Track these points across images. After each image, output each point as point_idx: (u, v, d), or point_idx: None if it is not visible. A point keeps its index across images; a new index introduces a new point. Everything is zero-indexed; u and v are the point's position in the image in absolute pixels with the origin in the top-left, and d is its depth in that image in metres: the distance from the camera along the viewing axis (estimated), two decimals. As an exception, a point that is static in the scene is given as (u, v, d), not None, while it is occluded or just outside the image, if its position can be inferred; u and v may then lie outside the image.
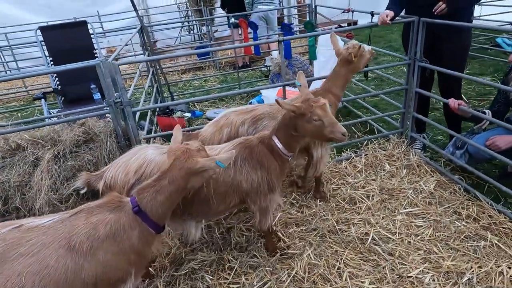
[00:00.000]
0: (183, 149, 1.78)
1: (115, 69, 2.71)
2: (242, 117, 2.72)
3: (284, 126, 2.22)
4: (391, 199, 3.11)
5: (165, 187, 1.75)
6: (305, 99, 2.14)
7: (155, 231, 1.80)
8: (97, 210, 1.72)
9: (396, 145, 3.78)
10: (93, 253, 1.63)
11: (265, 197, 2.29)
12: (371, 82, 5.91)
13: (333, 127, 2.11)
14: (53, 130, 2.84)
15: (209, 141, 2.69)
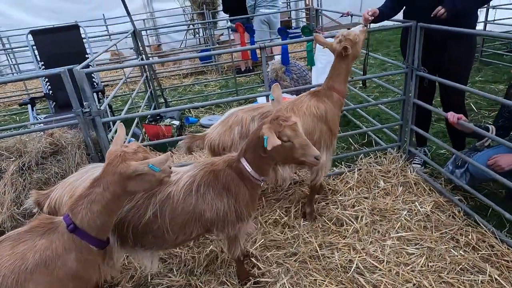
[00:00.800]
0: (118, 152, 1.57)
1: (82, 77, 2.55)
2: (251, 114, 2.58)
3: (252, 147, 1.98)
4: (383, 221, 2.84)
5: (100, 194, 1.56)
6: (274, 117, 1.91)
7: (97, 247, 1.61)
8: (26, 236, 1.53)
9: (393, 160, 3.50)
10: (21, 286, 1.45)
11: (234, 226, 2.07)
12: (375, 90, 5.63)
13: (304, 149, 1.88)
14: (20, 141, 2.70)
15: (218, 142, 2.54)
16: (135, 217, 1.91)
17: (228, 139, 2.56)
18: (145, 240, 1.98)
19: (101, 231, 1.62)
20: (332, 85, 2.67)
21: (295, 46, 8.01)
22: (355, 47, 2.61)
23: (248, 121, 2.57)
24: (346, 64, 2.65)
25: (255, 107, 2.68)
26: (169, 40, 9.81)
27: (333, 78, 2.68)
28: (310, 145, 1.89)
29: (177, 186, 1.97)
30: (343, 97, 2.72)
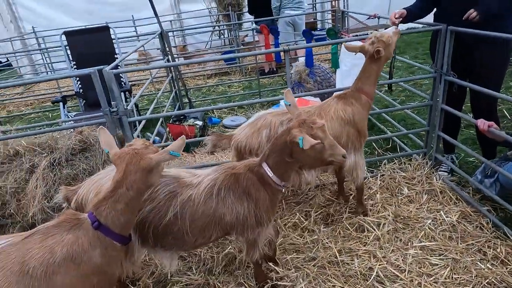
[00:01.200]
0: (130, 152, 1.64)
1: (111, 78, 2.64)
2: (280, 118, 2.58)
3: (277, 152, 1.99)
4: (406, 229, 2.77)
5: (123, 195, 1.63)
6: (301, 121, 1.92)
7: (120, 243, 1.67)
8: (54, 230, 1.59)
9: (419, 167, 3.41)
10: (50, 279, 1.50)
11: (253, 231, 2.08)
12: (401, 94, 5.49)
13: (333, 149, 1.92)
14: (51, 138, 2.83)
15: (245, 144, 2.56)
16: (156, 218, 1.95)
17: (255, 142, 2.56)
18: (165, 241, 2.02)
19: (124, 228, 1.68)
20: (361, 87, 2.63)
21: (320, 48, 7.93)
22: (388, 49, 2.58)
23: (277, 125, 2.56)
24: (378, 66, 2.61)
25: (284, 111, 2.66)
26: (195, 41, 9.96)
27: (362, 80, 2.64)
28: (337, 144, 1.93)
29: (198, 189, 2.00)
30: (371, 99, 2.68)
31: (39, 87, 8.99)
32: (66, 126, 2.84)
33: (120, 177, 1.64)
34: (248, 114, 5.54)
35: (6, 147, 2.77)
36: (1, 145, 2.79)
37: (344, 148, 2.50)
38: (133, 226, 1.80)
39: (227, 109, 5.77)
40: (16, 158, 2.78)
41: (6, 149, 2.76)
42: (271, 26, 5.67)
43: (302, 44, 6.51)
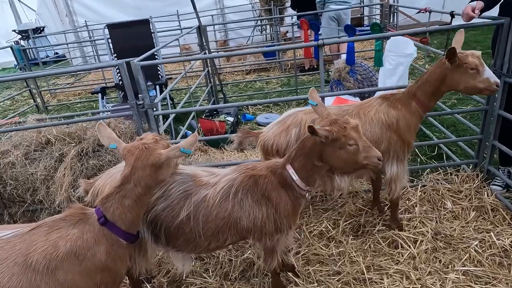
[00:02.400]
0: (140, 146, 1.58)
1: (137, 70, 2.60)
2: (311, 116, 2.40)
3: (305, 154, 1.82)
4: (447, 249, 2.45)
5: (131, 190, 1.58)
6: (332, 121, 1.75)
7: (126, 241, 1.62)
8: (60, 224, 1.56)
9: (467, 179, 3.03)
10: (52, 273, 1.47)
11: (272, 237, 1.93)
12: (453, 97, 5.00)
13: (367, 151, 1.75)
14: (81, 128, 2.86)
15: (272, 143, 2.43)
16: (169, 217, 1.87)
17: (284, 140, 2.41)
18: (177, 242, 1.92)
19: (131, 225, 1.62)
20: (416, 93, 2.33)
21: (364, 45, 7.52)
22: (466, 73, 2.23)
23: (308, 123, 2.38)
24: (441, 78, 2.25)
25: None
26: (237, 36, 9.92)
27: (421, 86, 2.32)
28: (371, 146, 1.76)
29: (214, 189, 1.88)
30: (424, 110, 2.36)
31: (88, 78, 9.47)
32: (93, 118, 2.85)
33: (128, 173, 1.58)
34: (283, 111, 5.36)
35: (39, 135, 2.84)
36: (35, 133, 2.87)
37: (383, 155, 2.26)
38: (140, 224, 1.73)
39: (262, 106, 5.62)
40: (47, 146, 2.85)
41: (39, 137, 2.84)
42: (312, 21, 5.42)
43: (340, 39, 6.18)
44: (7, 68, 12.65)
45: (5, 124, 3.17)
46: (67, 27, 10.01)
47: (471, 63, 2.18)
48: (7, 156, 2.83)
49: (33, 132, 2.87)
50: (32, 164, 2.80)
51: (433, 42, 8.01)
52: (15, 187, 2.85)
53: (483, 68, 2.20)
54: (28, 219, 2.96)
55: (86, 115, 3.06)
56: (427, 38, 3.72)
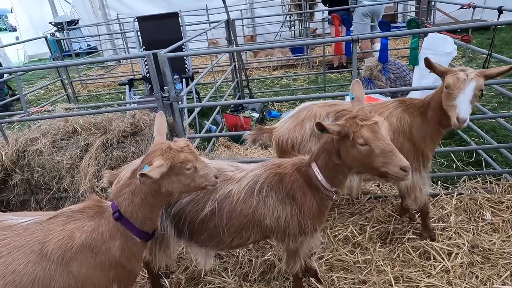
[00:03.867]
0: (163, 147, 1.48)
1: (164, 61, 2.55)
2: (326, 109, 2.32)
3: (325, 151, 1.71)
4: (485, 264, 2.26)
5: (138, 187, 1.52)
6: (351, 116, 1.60)
7: (140, 238, 1.57)
8: (77, 215, 1.53)
9: (510, 189, 2.81)
10: (66, 264, 1.46)
11: (295, 239, 1.83)
12: (493, 100, 4.68)
13: (387, 157, 1.52)
14: (107, 118, 2.86)
15: (287, 138, 2.35)
16: (193, 211, 1.82)
17: (298, 135, 2.31)
18: (201, 237, 1.88)
19: (144, 224, 1.56)
20: (429, 102, 2.14)
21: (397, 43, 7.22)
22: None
23: (322, 117, 2.29)
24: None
25: (332, 103, 2.39)
26: (265, 32, 9.80)
27: (433, 96, 2.12)
28: (395, 152, 1.53)
29: (239, 185, 1.82)
30: (439, 125, 2.14)
31: (117, 70, 9.65)
32: (118, 108, 2.84)
33: (138, 166, 1.53)
34: (310, 110, 5.22)
35: (66, 124, 2.87)
36: (62, 121, 2.90)
37: None
38: (156, 224, 1.66)
39: (288, 103, 5.50)
40: (73, 135, 2.87)
41: (66, 126, 2.87)
42: (343, 17, 5.23)
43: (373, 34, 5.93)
44: (43, 58, 13.13)
45: (35, 112, 3.22)
46: (99, 20, 10.25)
47: (446, 80, 1.97)
48: (35, 144, 2.87)
49: (61, 121, 2.90)
50: (58, 152, 2.83)
51: (472, 42, 7.57)
52: (42, 174, 2.90)
53: (456, 92, 1.92)
54: (53, 206, 3.00)
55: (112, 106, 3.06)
56: (469, 36, 3.47)
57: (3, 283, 1.39)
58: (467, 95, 1.91)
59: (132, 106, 2.87)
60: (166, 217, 1.85)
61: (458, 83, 1.92)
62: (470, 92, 1.92)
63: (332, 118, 2.25)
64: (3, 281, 1.39)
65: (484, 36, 8.10)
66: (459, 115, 1.91)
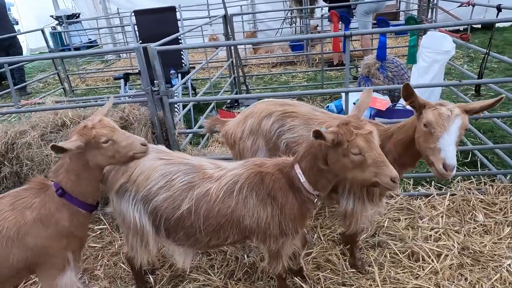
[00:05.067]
0: (80, 125, 1.69)
1: (154, 55, 2.51)
2: (271, 108, 2.18)
3: (311, 155, 1.67)
4: (475, 267, 2.22)
5: (70, 164, 1.70)
6: (344, 122, 1.56)
7: (85, 210, 1.75)
8: (24, 194, 1.70)
9: (503, 191, 2.76)
10: (21, 239, 1.63)
11: (276, 240, 1.79)
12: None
13: (378, 167, 1.49)
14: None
15: (232, 132, 2.28)
16: (169, 208, 1.78)
17: (239, 130, 2.23)
18: (177, 236, 1.84)
19: (86, 196, 1.72)
20: (393, 136, 1.91)
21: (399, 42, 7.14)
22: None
23: (263, 115, 2.15)
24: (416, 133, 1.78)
25: (283, 102, 2.24)
26: (266, 28, 9.73)
27: (397, 129, 1.91)
28: (386, 163, 1.50)
29: (218, 184, 1.77)
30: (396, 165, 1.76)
31: (117, 64, 9.62)
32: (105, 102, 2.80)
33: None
34: (307, 107, 5.16)
35: (56, 117, 2.84)
36: (52, 114, 2.87)
37: (339, 184, 1.96)
38: (99, 194, 1.82)
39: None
40: (63, 128, 2.84)
41: (55, 119, 2.83)
42: (342, 13, 5.17)
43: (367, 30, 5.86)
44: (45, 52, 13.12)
45: (25, 105, 3.20)
46: (100, 14, 10.19)
47: (425, 116, 1.69)
48: (24, 136, 2.85)
49: (51, 114, 2.87)
50: (47, 145, 2.80)
51: (474, 42, 7.48)
52: (31, 167, 2.87)
53: (440, 132, 1.64)
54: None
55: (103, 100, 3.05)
56: (467, 35, 3.40)
57: None
58: (453, 135, 1.63)
59: (121, 100, 2.82)
60: (144, 213, 1.82)
61: (441, 120, 1.64)
62: (456, 132, 1.63)
63: (275, 118, 2.13)
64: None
65: (487, 35, 7.95)
66: (446, 160, 1.61)
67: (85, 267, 2.48)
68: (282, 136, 2.11)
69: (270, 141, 2.14)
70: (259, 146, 2.16)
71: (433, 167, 1.68)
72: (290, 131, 2.09)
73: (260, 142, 2.15)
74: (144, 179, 1.82)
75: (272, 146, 2.13)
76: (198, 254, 2.47)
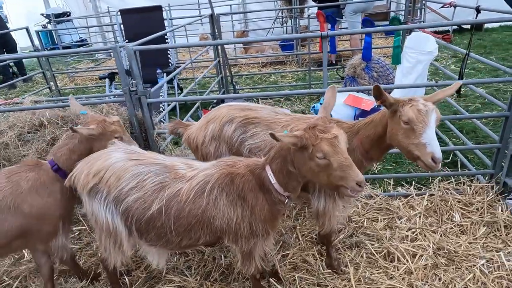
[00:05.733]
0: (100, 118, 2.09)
1: (131, 54, 2.50)
2: (233, 113, 2.15)
3: (281, 157, 1.67)
4: (449, 267, 2.24)
5: (76, 145, 2.04)
6: (311, 125, 1.55)
7: None
8: (17, 169, 1.93)
9: (481, 191, 2.78)
10: (17, 207, 1.83)
11: (247, 241, 1.79)
12: (477, 101, 4.65)
13: (344, 171, 1.49)
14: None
15: (194, 136, 2.25)
16: (140, 209, 1.77)
17: (202, 135, 2.21)
18: (149, 236, 1.82)
19: None
20: (359, 130, 1.96)
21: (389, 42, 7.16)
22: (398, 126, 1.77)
23: (224, 120, 2.14)
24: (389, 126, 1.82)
25: (246, 107, 2.22)
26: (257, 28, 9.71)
27: (365, 124, 1.95)
28: (353, 167, 1.50)
29: (189, 184, 1.76)
30: (364, 157, 1.94)
31: (107, 64, 9.56)
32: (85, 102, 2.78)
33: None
34: (294, 107, 5.18)
35: (33, 117, 2.81)
36: (30, 114, 2.84)
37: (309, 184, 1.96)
38: None
39: (273, 100, 5.45)
40: (40, 129, 2.81)
41: (33, 118, 2.80)
42: (328, 14, 5.17)
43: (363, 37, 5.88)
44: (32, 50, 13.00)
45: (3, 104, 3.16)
46: (90, 12, 10.12)
47: (404, 114, 1.70)
48: (1, 137, 2.81)
49: (29, 114, 2.84)
50: (24, 146, 2.77)
51: (463, 42, 7.53)
52: (9, 168, 2.83)
53: (422, 127, 1.67)
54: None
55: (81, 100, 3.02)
56: (449, 35, 3.42)
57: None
58: (433, 129, 1.68)
59: (100, 100, 2.80)
60: (117, 214, 1.81)
61: (421, 116, 1.67)
62: (434, 125, 1.68)
63: (237, 125, 2.11)
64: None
65: (476, 36, 8.05)
66: (435, 154, 1.65)
67: (62, 269, 2.46)
68: (245, 142, 2.11)
69: (233, 147, 2.13)
70: (222, 151, 2.15)
71: (420, 161, 1.72)
72: (252, 137, 2.09)
73: (223, 147, 2.15)
74: (116, 180, 1.81)
75: (235, 151, 2.13)
76: (175, 255, 2.46)
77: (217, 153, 2.18)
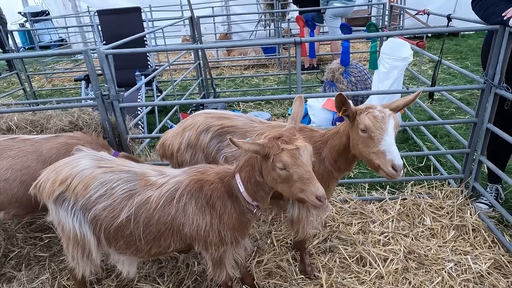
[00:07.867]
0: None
1: (102, 58, 2.45)
2: (210, 122, 2.14)
3: (249, 165, 1.67)
4: (419, 270, 2.28)
5: None
6: (276, 136, 1.54)
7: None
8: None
9: (451, 195, 2.85)
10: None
11: (217, 248, 1.78)
12: (452, 105, 4.77)
13: (304, 184, 1.48)
14: (45, 116, 2.73)
15: (169, 143, 2.21)
16: (108, 217, 1.73)
17: (177, 142, 2.18)
18: (118, 245, 1.79)
19: None
20: (328, 139, 1.96)
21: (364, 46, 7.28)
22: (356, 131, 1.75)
23: (201, 129, 2.12)
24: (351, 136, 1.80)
25: (223, 115, 2.20)
26: (240, 30, 9.71)
27: (332, 134, 1.94)
28: (313, 180, 1.49)
29: (159, 192, 1.74)
30: (333, 167, 1.94)
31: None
32: (55, 106, 2.71)
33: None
34: (274, 110, 5.19)
35: (1, 121, 2.72)
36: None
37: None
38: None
39: (254, 103, 5.45)
40: (8, 133, 2.71)
41: (0, 122, 2.71)
42: (307, 18, 5.22)
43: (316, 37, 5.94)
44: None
45: (-30, 108, 3.05)
46: (69, 11, 9.90)
47: (361, 122, 1.67)
48: (-33, 141, 2.70)
49: (-4, 118, 2.75)
50: (-9, 150, 2.67)
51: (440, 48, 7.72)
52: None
53: (380, 134, 1.63)
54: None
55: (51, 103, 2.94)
56: (423, 42, 3.49)
57: (21, 174, 2.13)
58: (392, 136, 1.63)
59: (71, 104, 2.73)
60: (85, 222, 1.77)
61: (377, 123, 1.64)
62: (393, 132, 1.64)
63: (213, 134, 2.11)
64: (21, 173, 2.13)
65: (452, 42, 8.29)
66: (395, 161, 1.59)
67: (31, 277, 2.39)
68: (221, 151, 2.11)
69: (210, 156, 2.12)
70: (198, 159, 2.14)
71: (381, 170, 1.66)
72: (228, 146, 2.08)
73: (199, 155, 2.14)
74: (83, 188, 1.77)
75: (211, 160, 2.12)
76: (148, 262, 2.43)
77: (193, 161, 2.16)
